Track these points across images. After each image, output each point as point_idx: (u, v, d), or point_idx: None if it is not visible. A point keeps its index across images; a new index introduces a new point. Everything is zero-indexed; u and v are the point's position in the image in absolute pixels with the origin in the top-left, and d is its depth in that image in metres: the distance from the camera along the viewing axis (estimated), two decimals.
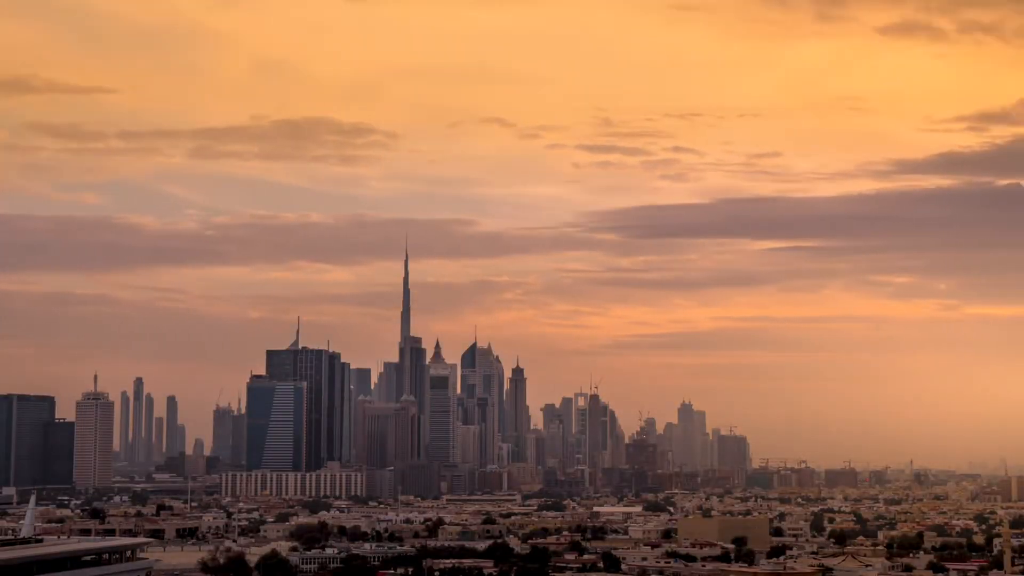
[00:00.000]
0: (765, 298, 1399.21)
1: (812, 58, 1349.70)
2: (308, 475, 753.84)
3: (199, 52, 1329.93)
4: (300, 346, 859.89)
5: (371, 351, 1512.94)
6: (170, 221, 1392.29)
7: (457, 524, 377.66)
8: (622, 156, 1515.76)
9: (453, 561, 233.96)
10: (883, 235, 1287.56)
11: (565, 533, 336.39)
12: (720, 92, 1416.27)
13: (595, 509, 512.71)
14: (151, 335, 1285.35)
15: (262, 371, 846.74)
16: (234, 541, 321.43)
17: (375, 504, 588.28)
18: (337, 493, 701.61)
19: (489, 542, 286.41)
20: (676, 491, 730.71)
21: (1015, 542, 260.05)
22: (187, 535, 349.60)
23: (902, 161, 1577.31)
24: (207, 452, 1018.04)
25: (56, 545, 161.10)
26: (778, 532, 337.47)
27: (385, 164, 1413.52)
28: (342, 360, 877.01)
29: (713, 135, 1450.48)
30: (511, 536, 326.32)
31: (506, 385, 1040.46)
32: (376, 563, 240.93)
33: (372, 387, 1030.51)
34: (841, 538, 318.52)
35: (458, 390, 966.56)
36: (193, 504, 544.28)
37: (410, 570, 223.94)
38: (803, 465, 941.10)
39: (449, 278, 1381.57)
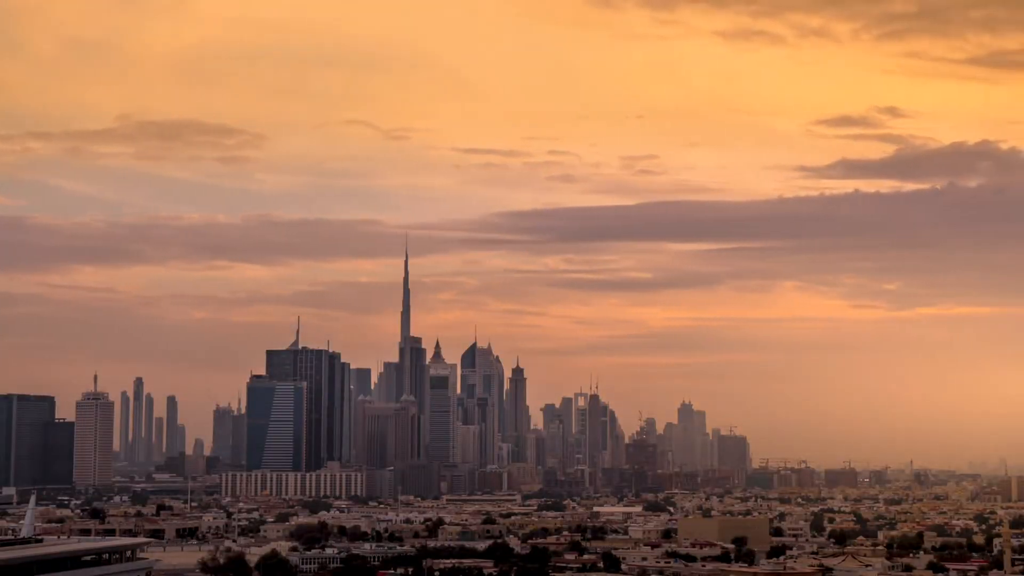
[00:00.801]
0: (715, 298, 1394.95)
1: (664, 61, 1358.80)
2: (308, 475, 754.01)
3: (13, 34, 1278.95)
4: (300, 346, 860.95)
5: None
6: (79, 222, 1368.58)
7: (457, 524, 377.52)
8: (502, 158, 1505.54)
9: (453, 561, 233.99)
10: (817, 237, 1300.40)
11: (565, 533, 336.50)
12: (586, 94, 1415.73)
13: (595, 509, 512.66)
14: (98, 335, 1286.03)
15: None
16: (234, 541, 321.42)
17: (375, 504, 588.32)
18: (337, 493, 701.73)
19: (489, 542, 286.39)
20: (676, 491, 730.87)
21: (1015, 542, 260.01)
22: (187, 535, 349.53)
23: (805, 167, 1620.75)
24: (207, 452, 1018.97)
25: (56, 545, 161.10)
26: (778, 532, 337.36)
27: (264, 165, 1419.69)
28: (342, 360, 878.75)
29: (588, 136, 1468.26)
30: (511, 536, 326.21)
31: (506, 385, 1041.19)
32: (376, 563, 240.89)
33: (372, 387, 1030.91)
34: (841, 538, 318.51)
35: (458, 390, 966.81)
36: (193, 504, 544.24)
37: (410, 570, 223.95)
38: (803, 465, 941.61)
39: (378, 278, 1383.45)
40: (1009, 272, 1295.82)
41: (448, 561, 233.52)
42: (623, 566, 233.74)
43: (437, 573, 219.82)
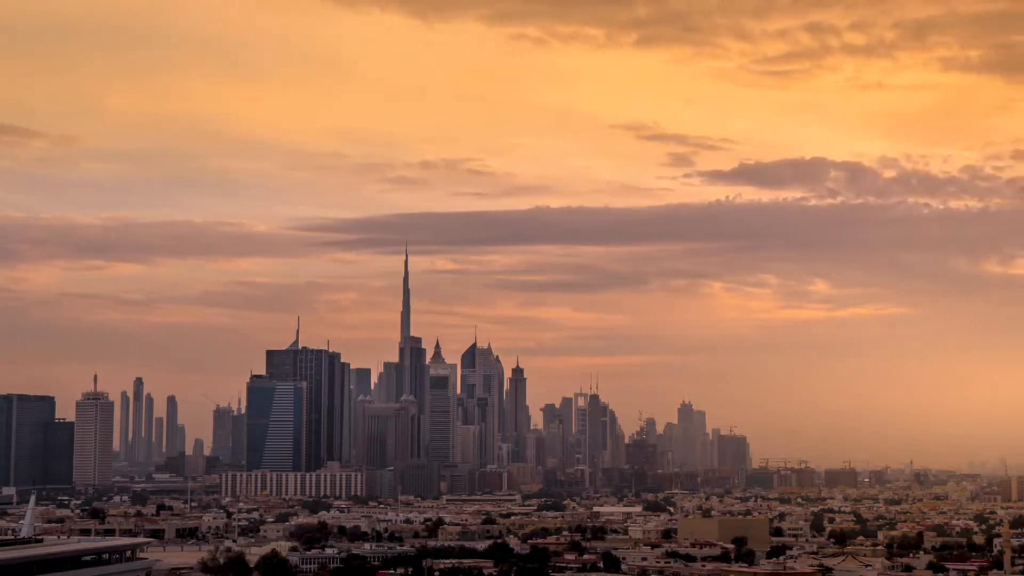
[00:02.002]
0: (645, 299, 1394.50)
1: (434, 60, 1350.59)
2: (308, 475, 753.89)
3: None
4: (300, 346, 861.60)
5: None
6: None
7: (457, 524, 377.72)
8: (331, 159, 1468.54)
9: (453, 561, 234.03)
10: (724, 240, 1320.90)
11: (565, 533, 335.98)
12: (373, 92, 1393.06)
13: (595, 509, 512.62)
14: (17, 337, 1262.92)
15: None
16: (234, 541, 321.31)
17: (375, 504, 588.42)
18: (337, 493, 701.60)
19: (489, 542, 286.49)
20: (676, 491, 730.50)
21: (1015, 542, 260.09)
22: (187, 535, 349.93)
23: (667, 174, 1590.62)
24: (207, 452, 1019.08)
25: (56, 545, 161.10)
26: (778, 532, 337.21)
27: (86, 160, 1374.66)
28: (342, 360, 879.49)
29: (395, 136, 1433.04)
30: (511, 536, 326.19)
31: (506, 385, 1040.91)
32: (376, 563, 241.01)
33: (372, 387, 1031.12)
34: (841, 538, 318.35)
35: (458, 390, 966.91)
36: (193, 504, 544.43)
37: (410, 570, 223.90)
38: (803, 465, 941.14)
39: (276, 279, 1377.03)
40: (916, 275, 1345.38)
41: (448, 561, 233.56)
42: (623, 566, 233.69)
43: (437, 573, 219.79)
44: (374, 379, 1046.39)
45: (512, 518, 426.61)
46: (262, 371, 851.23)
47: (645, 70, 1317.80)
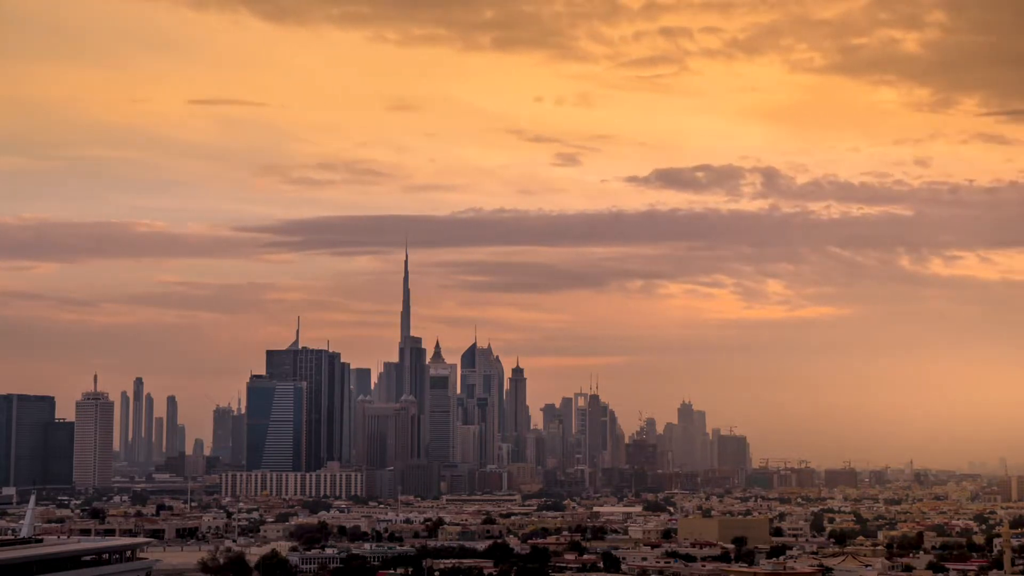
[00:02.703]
0: (602, 299, 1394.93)
1: (317, 64, 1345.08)
2: (308, 475, 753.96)
3: None
4: (300, 346, 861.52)
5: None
6: None
7: (457, 524, 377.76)
8: (239, 160, 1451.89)
9: (453, 561, 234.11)
10: (671, 242, 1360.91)
11: (565, 533, 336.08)
12: (264, 96, 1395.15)
13: (595, 509, 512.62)
14: None
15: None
16: (234, 541, 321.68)
17: (375, 504, 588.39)
18: (337, 493, 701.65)
19: (489, 542, 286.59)
20: (676, 491, 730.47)
21: (1015, 542, 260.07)
22: (187, 535, 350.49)
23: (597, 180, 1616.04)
24: (207, 452, 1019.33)
25: (56, 545, 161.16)
26: (778, 532, 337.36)
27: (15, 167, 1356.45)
28: (342, 360, 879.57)
29: (278, 136, 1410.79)
30: (511, 536, 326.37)
31: (506, 385, 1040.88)
32: (376, 563, 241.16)
33: (372, 387, 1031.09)
34: (841, 538, 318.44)
35: (458, 390, 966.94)
36: (193, 504, 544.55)
37: (410, 570, 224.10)
38: (803, 465, 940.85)
39: (218, 279, 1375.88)
40: (864, 274, 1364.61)
41: (448, 561, 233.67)
42: (623, 566, 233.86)
43: (437, 573, 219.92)
44: (374, 379, 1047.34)
45: (512, 518, 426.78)
46: (261, 371, 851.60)
47: (511, 72, 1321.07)
